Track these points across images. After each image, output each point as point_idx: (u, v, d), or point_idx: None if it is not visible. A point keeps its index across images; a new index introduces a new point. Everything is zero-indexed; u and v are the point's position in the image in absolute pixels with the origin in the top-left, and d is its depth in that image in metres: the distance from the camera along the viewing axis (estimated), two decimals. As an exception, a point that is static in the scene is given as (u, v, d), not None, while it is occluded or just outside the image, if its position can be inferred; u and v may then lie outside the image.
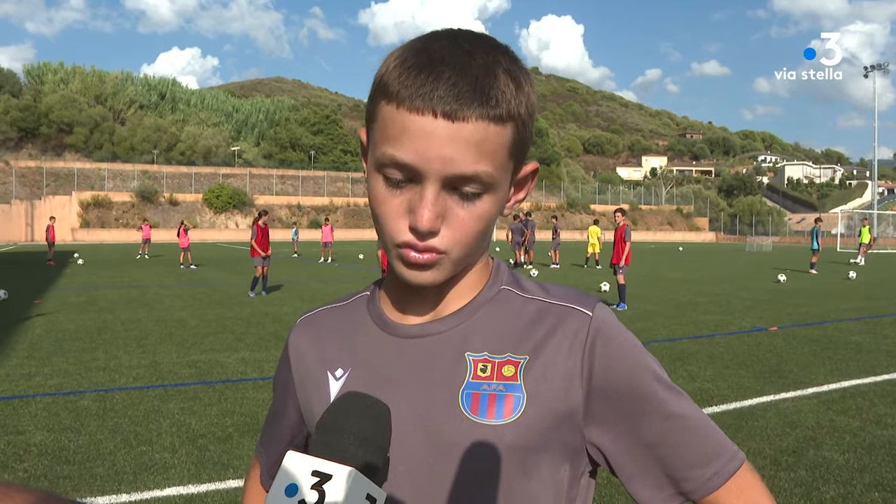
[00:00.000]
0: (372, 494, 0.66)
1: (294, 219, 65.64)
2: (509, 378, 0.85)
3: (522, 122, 0.82)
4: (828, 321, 11.82)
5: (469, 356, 0.88)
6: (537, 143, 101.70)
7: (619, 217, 14.11)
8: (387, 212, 0.82)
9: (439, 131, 0.76)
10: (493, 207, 0.83)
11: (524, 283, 0.94)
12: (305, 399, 0.99)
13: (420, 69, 0.77)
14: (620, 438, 0.87)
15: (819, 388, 7.01)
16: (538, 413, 0.84)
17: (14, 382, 7.15)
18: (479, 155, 0.78)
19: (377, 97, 0.81)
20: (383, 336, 0.93)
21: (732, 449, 0.89)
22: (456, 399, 0.85)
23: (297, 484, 0.64)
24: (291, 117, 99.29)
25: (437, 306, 0.92)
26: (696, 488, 0.86)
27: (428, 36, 0.83)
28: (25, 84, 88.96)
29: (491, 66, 0.79)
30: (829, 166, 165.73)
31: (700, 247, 60.36)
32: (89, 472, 4.67)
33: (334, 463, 0.65)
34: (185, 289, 17.50)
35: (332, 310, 1.04)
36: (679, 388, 0.90)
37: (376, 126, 0.81)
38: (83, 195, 64.20)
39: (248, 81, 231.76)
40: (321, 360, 0.97)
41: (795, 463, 4.85)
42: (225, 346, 9.27)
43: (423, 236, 0.80)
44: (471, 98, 0.76)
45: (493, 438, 0.83)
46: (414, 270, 0.83)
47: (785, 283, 19.42)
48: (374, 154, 0.82)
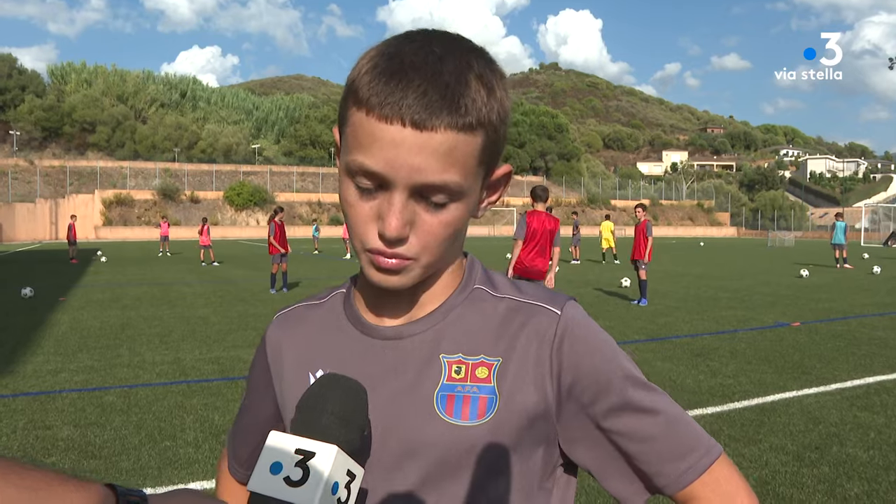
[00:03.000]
0: (352, 471, 0.69)
1: (314, 216, 65.89)
2: (483, 380, 0.86)
3: (494, 128, 0.81)
4: (851, 316, 11.71)
5: (443, 358, 0.89)
6: (557, 138, 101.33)
7: (640, 212, 14.02)
8: (357, 217, 0.82)
9: (408, 140, 0.76)
10: (461, 214, 0.83)
11: (497, 282, 0.95)
12: (282, 395, 1.00)
13: (390, 76, 0.76)
14: (592, 435, 0.88)
15: (843, 383, 6.95)
16: (511, 413, 0.85)
17: (41, 378, 7.25)
18: (447, 164, 0.78)
19: (349, 101, 0.81)
20: (360, 337, 0.94)
21: (708, 443, 0.89)
22: (431, 401, 0.86)
23: (281, 462, 0.67)
24: (311, 114, 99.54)
25: (411, 308, 0.92)
26: (669, 483, 0.87)
27: (401, 38, 0.82)
28: (49, 84, 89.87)
29: (463, 71, 0.78)
30: (852, 160, 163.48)
31: (721, 242, 59.89)
32: (115, 466, 4.74)
33: (317, 441, 0.68)
34: (207, 286, 17.65)
35: (309, 307, 1.04)
36: (653, 384, 0.91)
37: (348, 131, 0.81)
38: (106, 193, 64.82)
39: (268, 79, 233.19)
40: (299, 360, 0.98)
41: (819, 459, 4.82)
42: (247, 343, 9.34)
43: (392, 243, 0.81)
44: (440, 107, 0.76)
45: (467, 439, 0.85)
46: (383, 274, 0.84)
47: (807, 279, 19.25)
48: (345, 159, 0.82)
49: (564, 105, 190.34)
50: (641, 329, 10.46)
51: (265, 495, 0.66)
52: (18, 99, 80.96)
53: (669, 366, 7.65)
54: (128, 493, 0.61)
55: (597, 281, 18.75)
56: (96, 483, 0.60)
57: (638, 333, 10.03)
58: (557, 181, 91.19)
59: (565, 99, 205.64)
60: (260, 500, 0.66)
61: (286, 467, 0.67)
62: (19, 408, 6.16)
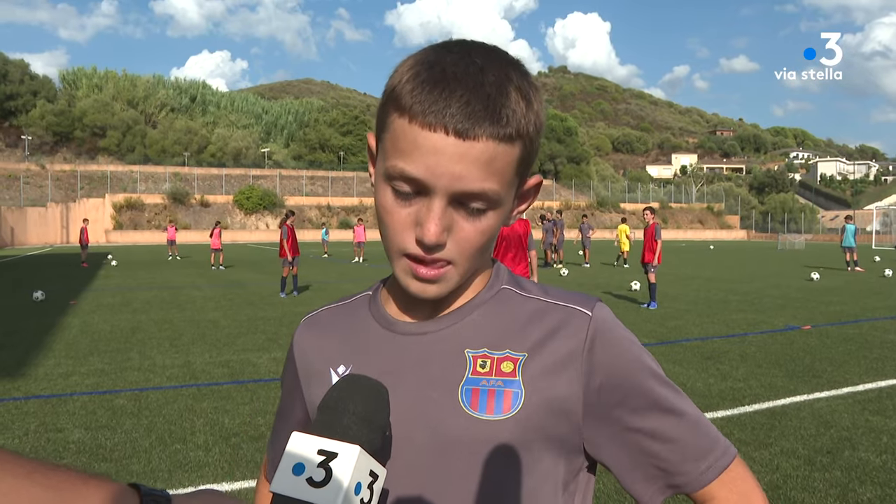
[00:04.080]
0: (374, 471, 0.69)
1: (324, 219, 65.99)
2: (508, 374, 0.87)
3: (530, 140, 0.84)
4: (863, 319, 11.64)
5: (468, 352, 0.89)
6: (567, 141, 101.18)
7: (649, 215, 13.99)
8: (394, 222, 0.84)
9: (449, 148, 0.78)
10: (497, 222, 0.85)
11: (524, 284, 0.97)
12: (310, 396, 1.01)
13: (433, 84, 0.78)
14: (617, 434, 0.88)
15: (854, 387, 6.90)
16: (536, 408, 0.86)
17: (52, 381, 7.29)
18: (487, 173, 0.80)
19: (389, 108, 0.83)
20: (384, 333, 0.95)
21: (725, 443, 0.91)
22: (455, 395, 0.87)
23: (304, 463, 0.67)
24: (320, 118, 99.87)
25: (438, 306, 0.94)
26: (690, 481, 0.88)
27: (440, 47, 0.84)
28: (60, 89, 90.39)
29: (503, 83, 0.80)
30: (863, 162, 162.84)
31: (731, 245, 59.65)
32: (126, 469, 4.75)
33: (339, 441, 0.68)
34: (217, 290, 17.70)
35: (334, 309, 1.07)
36: (675, 384, 0.93)
37: (387, 137, 0.83)
38: (116, 198, 65.14)
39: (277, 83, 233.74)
40: (324, 358, 0.99)
41: (831, 463, 4.79)
42: (257, 347, 9.36)
43: (430, 249, 0.82)
44: (482, 117, 0.78)
45: (491, 433, 0.85)
46: (421, 284, 0.86)
47: (818, 282, 19.13)
48: (383, 164, 0.84)
49: (573, 108, 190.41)
50: (651, 332, 10.43)
51: (288, 496, 0.66)
52: (30, 104, 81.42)
53: (679, 369, 7.62)
54: (152, 493, 0.61)
55: (606, 284, 18.70)
56: (120, 483, 0.60)
57: (648, 337, 10.00)
58: (567, 184, 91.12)
59: (574, 102, 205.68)
60: (283, 502, 0.66)
61: (309, 468, 0.66)
62: (31, 410, 6.19)
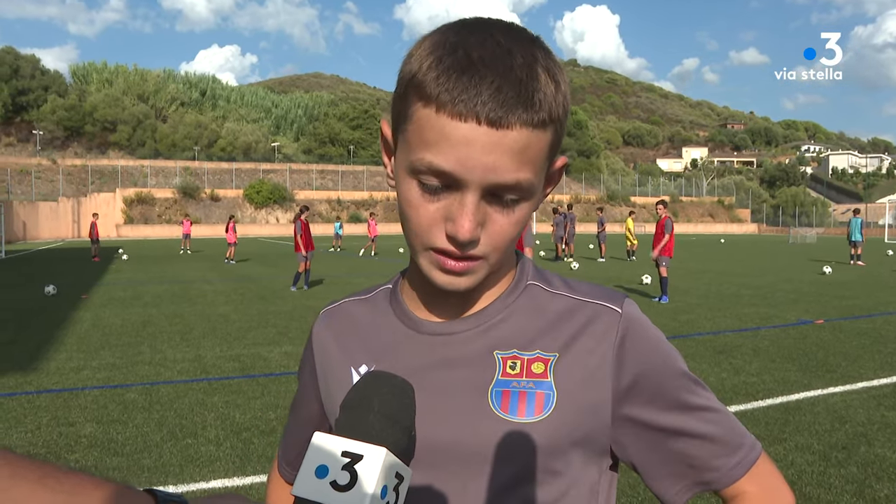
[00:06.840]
0: (400, 472, 0.66)
1: (334, 213, 66.11)
2: (539, 375, 0.84)
3: (560, 123, 0.79)
4: (876, 314, 11.55)
5: (497, 354, 0.86)
6: (577, 135, 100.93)
7: (661, 209, 13.95)
8: (421, 218, 0.79)
9: (481, 139, 0.73)
10: (529, 211, 0.82)
11: (550, 279, 0.93)
12: (327, 391, 0.98)
13: (461, 71, 0.73)
14: (647, 432, 0.86)
15: (869, 382, 6.85)
16: (569, 410, 0.83)
17: (64, 375, 7.31)
18: (520, 162, 0.75)
19: (410, 97, 0.77)
20: (408, 333, 0.92)
21: (752, 439, 0.90)
22: (486, 397, 0.84)
23: (328, 465, 0.63)
24: (330, 112, 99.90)
25: (463, 304, 0.90)
26: (720, 477, 0.87)
27: (459, 28, 0.78)
28: (71, 84, 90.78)
29: (531, 65, 0.75)
30: (875, 155, 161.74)
31: (742, 238, 59.39)
32: (137, 463, 4.76)
33: (364, 443, 0.64)
34: (228, 284, 17.74)
35: (355, 302, 1.03)
36: (702, 381, 0.91)
37: (410, 128, 0.78)
38: (127, 192, 65.38)
39: (287, 77, 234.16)
40: (344, 355, 0.96)
41: (846, 459, 4.74)
42: (268, 341, 9.37)
43: (463, 246, 0.78)
44: (515, 104, 0.73)
45: (524, 436, 0.82)
46: (449, 276, 0.81)
47: (830, 275, 19.04)
48: (408, 157, 0.79)
49: (583, 102, 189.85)
50: (663, 326, 10.37)
51: (312, 500, 0.63)
52: (41, 99, 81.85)
53: (692, 364, 7.57)
54: (168, 499, 0.59)
55: (618, 278, 18.64)
56: (134, 487, 0.58)
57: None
58: (577, 178, 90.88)
59: (584, 95, 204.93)
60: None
61: (332, 471, 0.63)
62: (43, 405, 6.21)
